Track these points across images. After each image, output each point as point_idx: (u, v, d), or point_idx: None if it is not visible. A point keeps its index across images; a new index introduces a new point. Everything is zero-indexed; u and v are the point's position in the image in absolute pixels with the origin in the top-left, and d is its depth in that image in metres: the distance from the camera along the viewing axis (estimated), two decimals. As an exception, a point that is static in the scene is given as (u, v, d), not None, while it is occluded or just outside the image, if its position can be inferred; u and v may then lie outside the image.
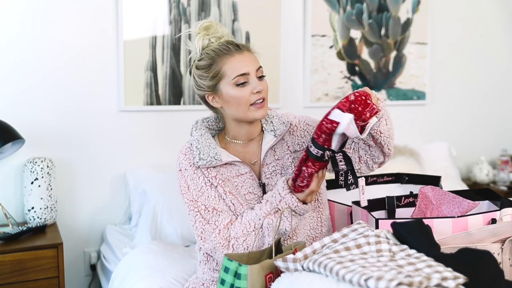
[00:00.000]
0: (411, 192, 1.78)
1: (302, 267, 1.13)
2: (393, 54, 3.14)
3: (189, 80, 2.47)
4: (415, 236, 1.14)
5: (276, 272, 1.24)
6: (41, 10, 2.25)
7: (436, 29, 3.28)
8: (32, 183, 2.15)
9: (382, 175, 1.88)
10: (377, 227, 1.35)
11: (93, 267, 2.42)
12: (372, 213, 1.45)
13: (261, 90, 1.43)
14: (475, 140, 3.51)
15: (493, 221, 1.39)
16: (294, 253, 1.21)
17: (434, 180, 1.81)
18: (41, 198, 2.16)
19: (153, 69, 2.47)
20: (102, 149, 2.41)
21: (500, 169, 3.24)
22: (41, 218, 2.16)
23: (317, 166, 1.34)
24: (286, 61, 2.80)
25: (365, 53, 3.04)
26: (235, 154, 1.51)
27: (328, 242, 1.20)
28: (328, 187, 1.82)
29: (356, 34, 3.00)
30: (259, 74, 1.46)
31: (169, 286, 1.73)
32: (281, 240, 1.43)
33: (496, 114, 3.58)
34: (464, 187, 2.98)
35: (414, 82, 3.22)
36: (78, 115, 2.35)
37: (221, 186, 1.46)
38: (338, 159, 1.32)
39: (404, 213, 1.57)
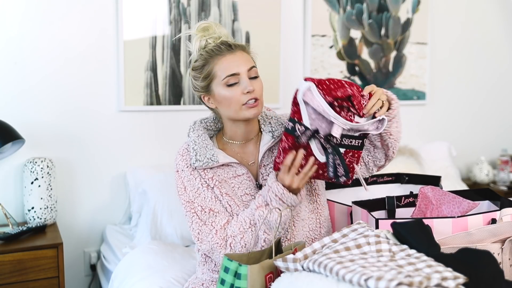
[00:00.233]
0: (411, 192, 1.78)
1: (302, 267, 1.13)
2: (393, 54, 3.14)
3: (189, 80, 2.47)
4: (415, 236, 1.14)
5: (276, 272, 1.24)
6: (41, 10, 2.25)
7: (436, 29, 3.28)
8: (32, 183, 2.15)
9: (382, 175, 1.89)
10: (377, 227, 1.35)
11: (93, 267, 2.42)
12: (372, 213, 1.45)
13: (252, 90, 1.41)
14: (475, 140, 3.51)
15: (493, 221, 1.39)
16: (294, 253, 1.21)
17: (434, 180, 1.81)
18: (41, 198, 2.16)
19: (153, 69, 2.47)
20: (102, 149, 2.41)
21: (500, 169, 3.25)
22: (41, 218, 2.16)
23: (290, 141, 1.34)
24: (286, 61, 2.80)
25: (365, 53, 3.04)
26: (233, 155, 1.51)
27: (328, 242, 1.20)
28: (328, 187, 1.82)
29: (356, 34, 3.00)
30: (252, 75, 1.44)
31: (169, 286, 1.73)
32: (281, 241, 1.43)
33: (496, 114, 3.58)
34: (464, 187, 2.98)
35: (414, 82, 3.23)
36: (78, 115, 2.35)
37: (218, 188, 1.45)
38: (327, 148, 1.32)
39: (404, 213, 1.57)
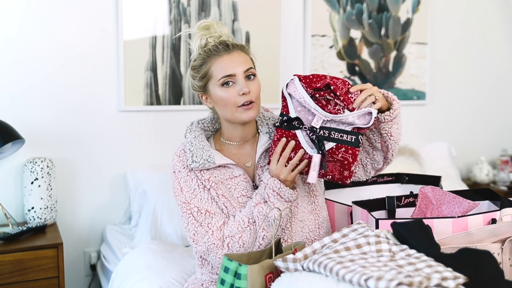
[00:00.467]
0: (411, 192, 1.78)
1: (302, 267, 1.13)
2: (393, 54, 3.14)
3: (189, 80, 2.47)
4: (415, 236, 1.14)
5: (276, 272, 1.24)
6: (41, 10, 2.25)
7: (436, 29, 3.28)
8: (32, 183, 2.15)
9: (382, 175, 1.89)
10: (377, 227, 1.35)
11: (93, 267, 2.42)
12: (372, 213, 1.45)
13: (247, 92, 1.39)
14: (475, 140, 3.51)
15: (493, 221, 1.39)
16: (294, 253, 1.21)
17: (434, 180, 1.81)
18: (41, 198, 2.16)
19: (153, 69, 2.47)
20: (102, 149, 2.41)
21: (500, 169, 3.24)
22: (41, 218, 2.16)
23: (279, 133, 1.40)
24: (286, 61, 2.80)
25: (365, 53, 3.04)
26: (230, 156, 1.50)
27: (328, 242, 1.20)
28: (328, 187, 1.82)
29: (356, 34, 3.00)
30: (249, 76, 1.43)
31: (169, 286, 1.73)
32: (280, 241, 1.43)
33: (496, 114, 3.58)
34: (464, 187, 2.98)
35: (414, 82, 3.22)
36: (78, 115, 2.35)
37: (214, 189, 1.45)
38: (313, 139, 1.36)
39: (404, 213, 1.57)
